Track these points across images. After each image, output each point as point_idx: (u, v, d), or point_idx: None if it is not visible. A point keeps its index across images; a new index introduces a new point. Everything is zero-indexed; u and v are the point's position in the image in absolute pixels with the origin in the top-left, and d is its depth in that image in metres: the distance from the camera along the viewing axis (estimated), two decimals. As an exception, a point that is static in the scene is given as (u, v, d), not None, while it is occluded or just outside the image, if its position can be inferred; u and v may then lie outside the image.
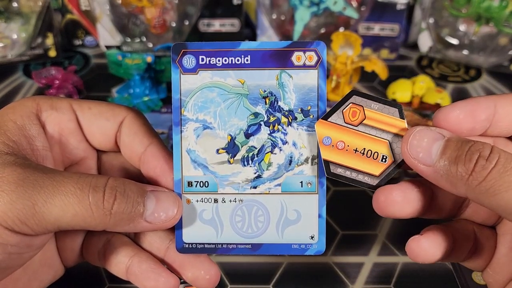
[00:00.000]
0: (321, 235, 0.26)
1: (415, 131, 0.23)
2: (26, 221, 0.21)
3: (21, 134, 0.25)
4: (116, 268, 0.27)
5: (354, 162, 0.24)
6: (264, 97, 0.25)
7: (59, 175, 0.22)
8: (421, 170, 0.23)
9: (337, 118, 0.24)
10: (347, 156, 0.24)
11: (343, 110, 0.24)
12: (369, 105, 0.24)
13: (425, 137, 0.22)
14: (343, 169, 0.24)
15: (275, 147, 0.25)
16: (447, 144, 0.22)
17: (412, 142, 0.23)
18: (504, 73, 0.64)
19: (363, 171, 0.24)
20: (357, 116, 0.24)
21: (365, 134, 0.24)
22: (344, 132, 0.24)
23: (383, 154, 0.24)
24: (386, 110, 0.24)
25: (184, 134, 0.25)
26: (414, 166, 0.23)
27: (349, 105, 0.24)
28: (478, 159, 0.21)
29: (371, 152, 0.24)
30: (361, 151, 0.24)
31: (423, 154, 0.22)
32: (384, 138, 0.24)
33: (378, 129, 0.24)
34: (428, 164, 0.22)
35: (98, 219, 0.22)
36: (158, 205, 0.24)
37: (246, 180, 0.25)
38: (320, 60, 0.24)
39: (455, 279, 0.36)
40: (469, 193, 0.21)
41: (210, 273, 0.26)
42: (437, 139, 0.22)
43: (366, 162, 0.24)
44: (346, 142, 0.24)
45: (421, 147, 0.22)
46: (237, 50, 0.24)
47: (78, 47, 0.68)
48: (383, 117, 0.24)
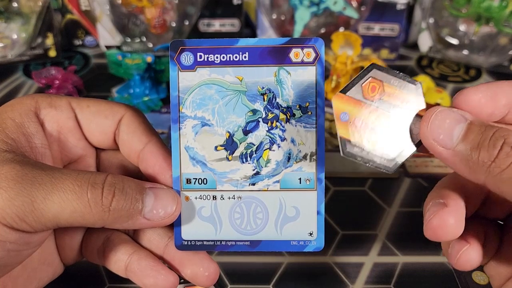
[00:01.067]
0: (319, 232, 0.25)
1: (437, 111, 0.21)
2: (24, 218, 0.21)
3: (20, 132, 0.25)
4: (115, 266, 0.27)
5: (371, 141, 0.23)
6: (262, 94, 0.25)
7: (58, 172, 0.22)
8: (439, 153, 0.21)
9: (355, 93, 0.23)
10: (364, 134, 0.23)
11: (362, 84, 0.23)
12: (389, 80, 0.23)
13: (447, 118, 0.21)
14: (359, 148, 0.23)
15: (273, 144, 0.25)
16: (470, 128, 0.21)
17: (433, 122, 0.21)
18: (504, 73, 0.64)
19: (380, 151, 0.23)
20: (376, 91, 0.23)
21: (384, 111, 0.23)
22: (362, 108, 0.23)
23: (401, 133, 0.23)
24: (406, 87, 0.23)
25: (182, 131, 0.25)
26: (433, 147, 0.22)
27: (369, 79, 0.23)
28: (503, 146, 0.20)
29: (389, 132, 0.23)
30: (379, 130, 0.23)
31: (444, 136, 0.21)
32: (402, 117, 0.23)
33: (397, 107, 0.23)
34: (448, 147, 0.21)
35: (97, 215, 0.22)
36: (156, 202, 0.24)
37: (245, 177, 0.25)
38: (318, 57, 0.24)
39: (455, 279, 0.36)
40: (488, 180, 0.20)
41: (209, 270, 0.26)
42: (459, 121, 0.21)
43: (384, 142, 0.23)
44: (364, 119, 0.23)
45: (442, 128, 0.21)
46: (235, 47, 0.25)
47: (78, 47, 0.68)
48: (403, 94, 0.23)
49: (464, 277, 0.36)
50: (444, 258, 0.38)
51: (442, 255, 0.38)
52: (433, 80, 0.59)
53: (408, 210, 0.42)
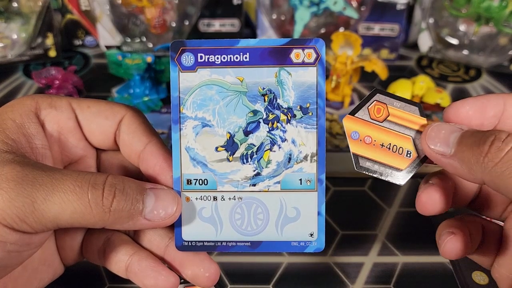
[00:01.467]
0: (320, 233, 0.25)
1: (433, 124, 0.24)
2: (25, 218, 0.21)
3: (20, 132, 0.25)
4: (116, 267, 0.27)
5: (381, 156, 0.25)
6: (263, 95, 0.25)
7: (58, 173, 0.22)
8: (439, 161, 0.23)
9: (363, 114, 0.25)
10: (374, 150, 0.25)
11: (368, 107, 0.25)
12: (391, 103, 0.25)
13: (442, 129, 0.23)
14: (371, 162, 0.25)
15: (274, 145, 0.25)
16: (464, 134, 0.23)
17: (430, 133, 0.23)
18: (504, 73, 0.64)
19: (390, 165, 0.25)
20: (382, 113, 0.25)
21: (390, 130, 0.25)
22: (370, 127, 0.25)
23: (408, 150, 0.25)
24: (408, 108, 0.25)
25: (183, 132, 0.25)
26: (433, 157, 0.24)
27: (374, 102, 0.25)
28: (494, 141, 0.21)
29: (397, 147, 0.25)
30: (387, 146, 0.25)
31: (441, 145, 0.23)
32: (407, 134, 0.25)
33: (402, 126, 0.25)
34: (446, 154, 0.23)
35: (97, 216, 0.22)
36: (157, 202, 0.24)
37: (245, 178, 0.25)
38: (319, 57, 0.24)
39: (455, 279, 0.36)
40: (485, 177, 0.21)
41: (209, 271, 0.26)
42: (454, 131, 0.23)
43: (392, 156, 0.25)
44: (373, 137, 0.25)
45: (438, 137, 0.23)
46: (236, 47, 0.24)
47: (78, 47, 0.68)
48: (405, 115, 0.25)
49: (464, 277, 0.36)
50: (444, 258, 0.38)
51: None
52: (433, 80, 0.59)
53: (408, 210, 0.42)
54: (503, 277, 0.25)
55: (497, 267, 0.26)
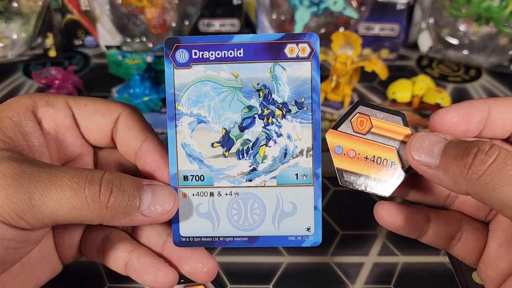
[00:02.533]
0: (317, 227, 0.26)
1: (417, 135, 0.24)
2: (22, 214, 0.21)
3: (17, 130, 0.25)
4: (115, 264, 0.27)
5: (365, 169, 0.25)
6: (257, 90, 0.25)
7: (55, 169, 0.22)
8: (424, 172, 0.23)
9: (346, 128, 0.25)
10: (358, 164, 0.25)
11: (351, 119, 0.25)
12: (374, 114, 0.25)
13: (426, 140, 0.23)
14: (355, 176, 0.25)
15: (269, 140, 0.25)
16: (447, 145, 0.23)
17: (414, 144, 0.23)
18: (504, 73, 0.64)
19: (374, 177, 0.25)
20: (365, 125, 0.25)
21: (373, 142, 0.25)
22: (354, 140, 0.25)
23: (392, 161, 0.25)
24: (391, 119, 0.25)
25: (178, 129, 0.25)
26: (418, 168, 0.24)
27: (356, 114, 0.25)
28: (477, 153, 0.21)
29: (381, 159, 0.25)
30: (371, 158, 0.25)
31: (425, 156, 0.23)
32: (391, 145, 0.25)
33: (385, 137, 0.25)
34: (430, 165, 0.23)
35: (95, 212, 0.22)
36: (154, 198, 0.24)
37: (242, 173, 0.25)
38: (313, 52, 0.24)
39: (455, 279, 0.36)
40: (469, 189, 0.21)
41: (207, 266, 0.26)
42: (438, 142, 0.23)
43: (377, 169, 0.25)
44: (356, 151, 0.25)
45: (423, 149, 0.23)
46: (230, 43, 0.25)
47: (78, 47, 0.68)
48: (389, 125, 0.25)
49: (464, 277, 0.36)
50: (444, 258, 0.38)
51: (442, 255, 0.38)
52: (433, 80, 0.59)
53: (408, 209, 0.42)
54: (490, 278, 0.25)
55: (483, 268, 0.26)
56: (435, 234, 0.27)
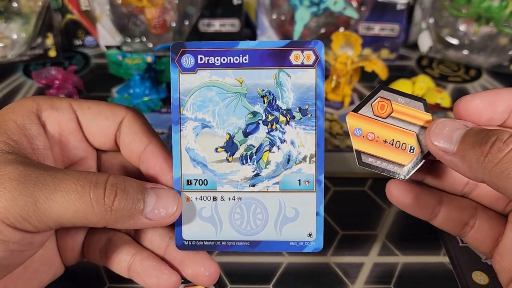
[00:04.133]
0: (319, 233, 0.26)
1: (438, 121, 0.24)
2: (28, 217, 0.21)
3: (22, 133, 0.25)
4: (117, 267, 0.27)
5: (384, 152, 0.25)
6: (262, 96, 0.25)
7: (60, 173, 0.23)
8: (442, 157, 0.23)
9: (366, 111, 0.25)
10: (377, 146, 0.25)
11: (372, 103, 0.25)
12: (395, 99, 0.25)
13: (447, 126, 0.23)
14: (373, 159, 0.25)
15: (273, 146, 0.25)
16: (467, 132, 0.23)
17: (434, 130, 0.24)
18: (504, 73, 0.64)
19: (393, 161, 0.25)
20: (385, 109, 0.25)
21: (393, 126, 0.25)
22: (373, 124, 0.25)
23: (411, 145, 0.25)
24: (412, 104, 0.25)
25: (183, 133, 0.25)
26: (436, 153, 0.24)
27: (378, 99, 0.25)
28: (495, 142, 0.21)
29: (400, 143, 0.25)
30: (390, 142, 0.25)
31: (444, 141, 0.23)
32: (411, 130, 0.25)
33: (405, 122, 0.25)
34: (449, 151, 0.23)
35: (99, 215, 0.22)
36: (158, 202, 0.24)
37: (245, 178, 0.25)
38: (318, 59, 0.25)
39: (455, 279, 0.36)
40: (485, 176, 0.21)
41: (210, 270, 0.26)
42: (458, 128, 0.23)
43: (395, 152, 0.25)
44: (376, 134, 0.25)
45: (442, 134, 0.23)
46: (236, 49, 0.25)
47: (78, 47, 0.68)
48: (410, 111, 0.25)
49: (464, 277, 0.36)
50: (444, 258, 0.38)
51: (442, 255, 0.38)
52: (433, 80, 0.59)
53: (408, 210, 0.42)
54: (504, 269, 0.26)
55: (498, 258, 0.26)
56: (447, 217, 0.27)
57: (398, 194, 0.27)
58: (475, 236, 0.27)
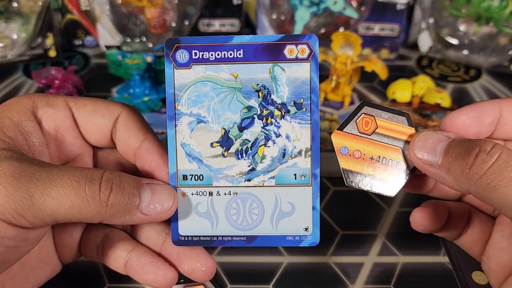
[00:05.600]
0: (315, 227, 0.26)
1: (421, 134, 0.24)
2: (23, 213, 0.21)
3: (18, 130, 0.25)
4: (114, 263, 0.27)
5: (371, 169, 0.25)
6: (257, 91, 0.25)
7: (56, 169, 0.23)
8: (427, 170, 0.23)
9: (351, 128, 0.25)
10: (364, 164, 0.25)
11: (356, 120, 0.25)
12: (379, 115, 0.25)
13: (430, 139, 0.23)
14: (361, 176, 0.25)
15: (268, 140, 0.25)
16: (450, 144, 0.22)
17: (417, 143, 0.23)
18: (504, 73, 0.64)
19: (380, 177, 0.25)
20: (370, 125, 0.25)
21: (378, 143, 0.25)
22: (359, 141, 0.25)
23: (397, 161, 0.25)
24: (396, 119, 0.25)
25: (178, 128, 0.25)
26: (421, 167, 0.24)
27: (362, 115, 0.25)
28: (479, 153, 0.21)
29: (386, 160, 0.25)
30: (377, 159, 0.25)
31: (428, 155, 0.23)
32: (396, 146, 0.25)
33: (390, 137, 0.25)
34: (433, 164, 0.23)
35: (95, 210, 0.22)
36: (153, 197, 0.24)
37: (240, 173, 0.25)
38: (313, 53, 0.25)
39: (455, 279, 0.36)
40: (471, 188, 0.21)
41: (206, 265, 0.26)
42: (441, 140, 0.23)
43: (382, 169, 0.25)
44: (362, 151, 0.25)
45: (425, 148, 0.23)
46: (230, 44, 0.25)
47: (78, 47, 0.68)
48: (394, 126, 0.25)
49: (464, 277, 0.36)
50: (444, 258, 0.38)
51: (442, 255, 0.38)
52: (433, 80, 0.59)
53: (408, 210, 0.42)
54: (492, 270, 0.26)
55: (486, 260, 0.26)
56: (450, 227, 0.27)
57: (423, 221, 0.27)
58: (467, 239, 0.27)
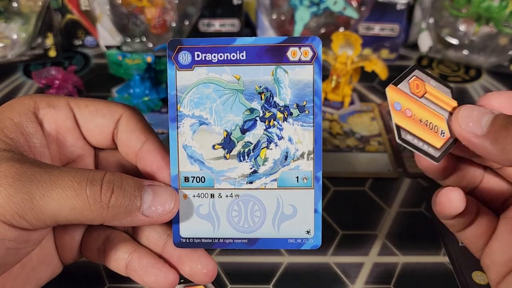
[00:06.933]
0: (317, 230, 0.26)
1: (465, 106, 0.24)
2: (24, 215, 0.21)
3: (19, 131, 0.25)
4: (115, 264, 0.27)
5: (420, 131, 0.25)
6: (259, 93, 0.25)
7: (57, 170, 0.22)
8: (470, 142, 0.23)
9: (404, 87, 0.25)
10: (414, 124, 0.24)
11: (408, 80, 0.25)
12: (428, 81, 0.25)
13: (475, 110, 0.23)
14: (411, 136, 0.24)
15: (271, 143, 0.25)
16: (497, 116, 0.22)
17: (462, 113, 0.23)
18: (504, 73, 0.64)
19: (427, 141, 0.25)
20: (420, 88, 0.25)
21: (427, 107, 0.25)
22: (411, 101, 0.25)
23: (442, 129, 0.25)
24: (442, 89, 0.25)
25: (180, 130, 0.25)
26: (464, 137, 0.23)
27: (413, 77, 0.25)
28: None
29: (433, 125, 0.25)
30: (425, 122, 0.25)
31: (473, 124, 0.23)
32: (442, 114, 0.25)
33: (437, 105, 0.25)
34: (478, 133, 0.22)
35: (96, 212, 0.22)
36: (155, 198, 0.24)
37: (242, 175, 0.25)
38: (316, 56, 0.24)
39: (455, 279, 0.36)
40: None
41: (207, 268, 0.26)
42: (486, 113, 0.23)
43: (429, 133, 0.25)
44: (413, 111, 0.25)
45: (471, 117, 0.23)
46: (233, 46, 0.25)
47: (78, 47, 0.68)
48: (440, 95, 0.25)
49: (464, 277, 0.36)
50: (444, 258, 0.38)
51: (442, 255, 0.38)
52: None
53: (408, 210, 0.42)
54: (494, 264, 0.26)
55: (489, 253, 0.26)
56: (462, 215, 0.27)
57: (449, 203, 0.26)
58: (473, 231, 0.27)
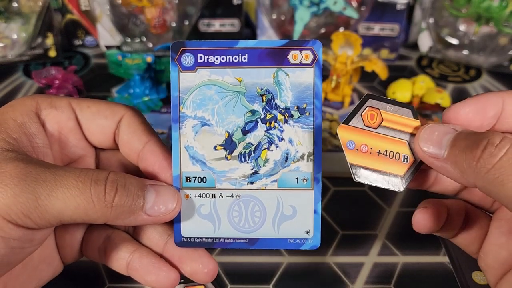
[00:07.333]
0: (316, 231, 0.26)
1: (426, 126, 0.23)
2: (29, 214, 0.21)
3: (22, 131, 0.25)
4: (116, 264, 0.27)
5: (379, 164, 0.24)
6: (261, 95, 0.25)
7: (61, 170, 0.23)
8: (432, 164, 0.23)
9: (357, 122, 0.24)
10: (371, 158, 0.24)
11: (361, 113, 0.24)
12: (384, 108, 0.24)
13: (435, 131, 0.23)
14: (369, 171, 0.24)
15: (271, 144, 0.26)
16: (457, 136, 0.22)
17: (423, 135, 0.23)
18: (504, 73, 0.64)
19: (388, 172, 0.24)
20: (375, 118, 0.24)
21: (385, 136, 0.24)
22: (365, 135, 0.24)
23: (404, 154, 0.24)
24: (401, 112, 0.24)
25: (182, 131, 0.25)
26: (426, 160, 0.23)
27: (366, 108, 0.24)
28: (487, 146, 0.20)
29: (393, 153, 0.24)
30: (384, 153, 0.24)
31: (434, 147, 0.22)
32: (402, 139, 0.24)
33: (396, 130, 0.24)
34: (439, 157, 0.22)
35: (100, 211, 0.23)
36: (157, 198, 0.24)
37: (243, 176, 0.26)
38: (316, 59, 0.25)
39: (455, 279, 0.36)
40: (478, 182, 0.21)
41: (208, 267, 0.26)
42: (447, 133, 0.22)
43: (390, 163, 0.24)
44: (369, 145, 0.24)
45: (431, 140, 0.22)
46: (235, 48, 0.25)
47: (78, 47, 0.68)
48: (399, 118, 0.24)
49: (464, 277, 0.36)
50: (444, 258, 0.38)
51: (442, 255, 0.38)
52: (433, 80, 0.59)
53: (408, 210, 0.42)
54: (489, 266, 0.26)
55: (483, 256, 0.26)
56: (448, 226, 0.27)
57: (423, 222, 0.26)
58: (464, 237, 0.27)
